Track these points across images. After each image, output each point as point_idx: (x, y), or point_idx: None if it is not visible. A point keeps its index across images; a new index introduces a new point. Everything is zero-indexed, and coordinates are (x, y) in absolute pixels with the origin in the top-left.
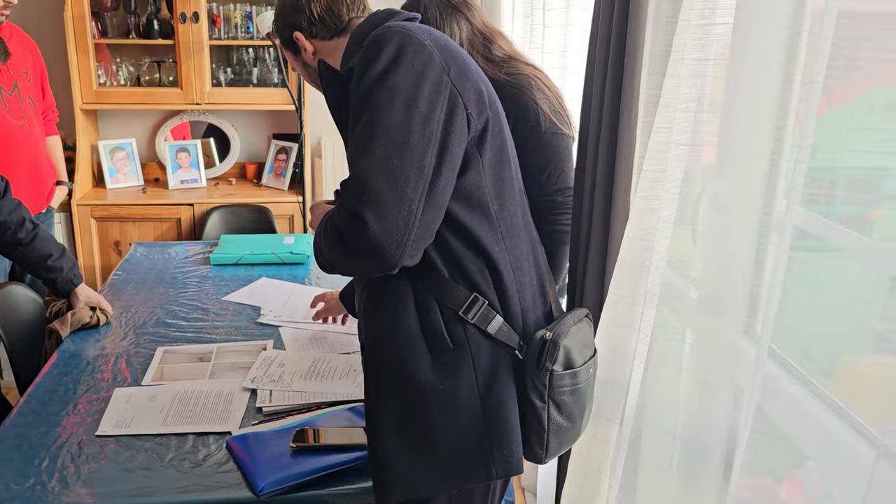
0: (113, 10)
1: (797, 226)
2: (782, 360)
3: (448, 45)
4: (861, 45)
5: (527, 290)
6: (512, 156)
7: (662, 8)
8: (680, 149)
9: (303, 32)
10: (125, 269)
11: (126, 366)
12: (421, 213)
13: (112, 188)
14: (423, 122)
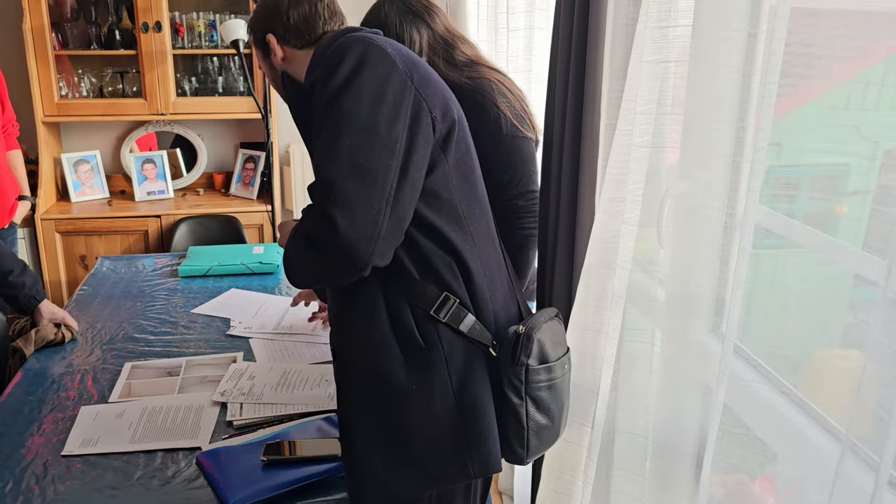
0: (73, 21)
1: (762, 225)
2: (750, 359)
3: (409, 55)
4: (819, 45)
5: (497, 291)
6: (475, 162)
7: (621, 11)
8: (641, 150)
9: (276, 36)
10: (91, 284)
11: (93, 383)
12: (390, 213)
13: (77, 201)
14: (388, 123)
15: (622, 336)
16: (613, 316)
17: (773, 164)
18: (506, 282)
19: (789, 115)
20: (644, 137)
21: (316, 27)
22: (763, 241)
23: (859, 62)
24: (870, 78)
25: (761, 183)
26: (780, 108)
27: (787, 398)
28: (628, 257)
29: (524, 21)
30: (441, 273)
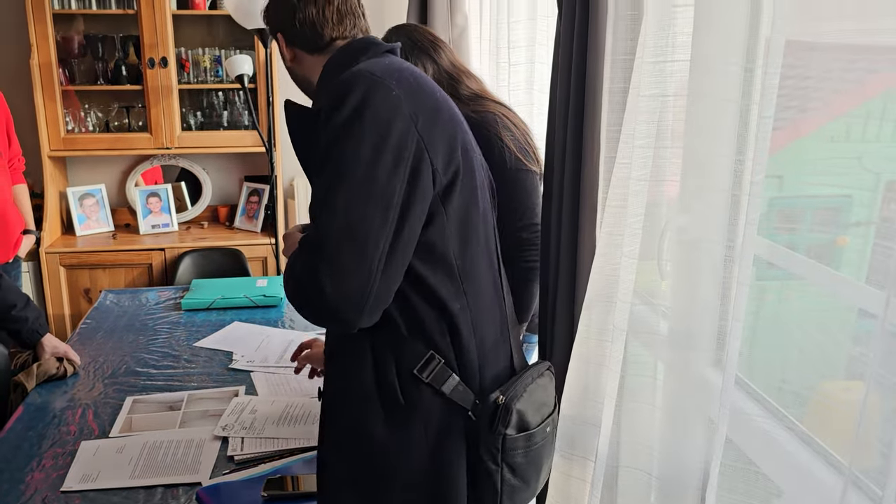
0: (80, 57)
1: (764, 257)
2: (754, 393)
3: (419, 88)
4: (818, 77)
5: (487, 346)
6: (481, 201)
7: (619, 46)
8: (640, 184)
9: (284, 37)
10: (94, 317)
11: (94, 417)
12: (380, 276)
13: (81, 235)
14: (387, 176)
15: (625, 369)
16: (615, 349)
17: (775, 195)
18: (498, 332)
19: (789, 147)
20: (643, 171)
21: (324, 33)
22: (766, 273)
23: (858, 95)
24: (870, 110)
25: (759, 216)
26: (781, 141)
27: (791, 433)
28: (629, 290)
29: (525, 55)
30: (429, 331)
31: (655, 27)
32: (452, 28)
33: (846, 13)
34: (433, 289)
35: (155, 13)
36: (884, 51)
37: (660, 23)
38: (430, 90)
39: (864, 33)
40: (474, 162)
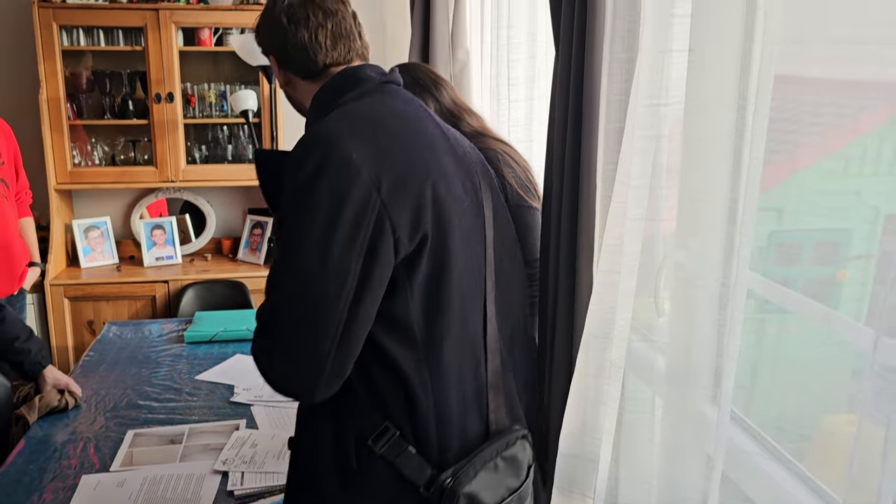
0: (88, 92)
1: (762, 294)
2: (751, 429)
3: (394, 142)
4: (813, 113)
5: (452, 416)
6: (465, 257)
7: (614, 87)
8: (636, 223)
9: (276, 60)
10: (97, 350)
11: (95, 451)
12: (335, 354)
13: (86, 267)
14: (341, 254)
15: (623, 405)
16: (612, 386)
17: (775, 229)
18: (472, 397)
19: (788, 181)
20: (638, 210)
21: (316, 59)
22: (766, 307)
23: (854, 129)
24: (867, 144)
25: (750, 253)
26: (778, 175)
27: (788, 470)
28: (626, 328)
29: (525, 92)
30: (386, 401)
31: (649, 70)
32: (454, 63)
33: (838, 52)
34: (393, 359)
35: (162, 50)
36: (879, 86)
37: (653, 66)
38: (409, 139)
39: (858, 69)
40: (449, 223)
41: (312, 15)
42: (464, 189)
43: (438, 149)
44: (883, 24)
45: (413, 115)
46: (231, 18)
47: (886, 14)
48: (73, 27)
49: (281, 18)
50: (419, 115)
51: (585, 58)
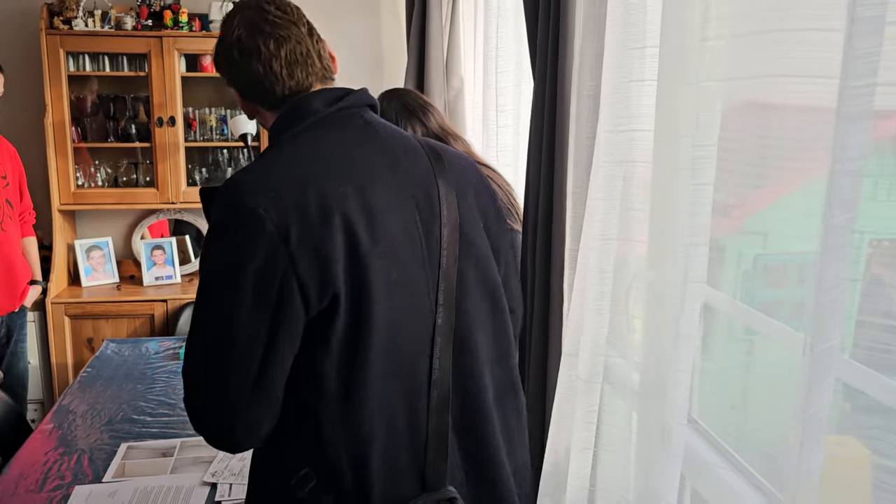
0: (93, 116)
1: (743, 320)
2: (716, 443)
3: (308, 188)
4: (795, 138)
5: (373, 469)
6: (380, 313)
7: (583, 114)
8: (606, 243)
9: (237, 91)
10: (95, 366)
11: (88, 463)
12: (246, 408)
13: (87, 286)
14: (247, 312)
15: (601, 420)
16: (585, 402)
17: (760, 252)
18: (404, 451)
19: (773, 205)
20: (608, 230)
21: (274, 90)
22: (752, 328)
23: None
24: None
25: (704, 274)
26: (764, 199)
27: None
28: (598, 345)
29: (512, 118)
30: (306, 448)
31: (611, 99)
32: (448, 90)
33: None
34: (307, 408)
35: (164, 75)
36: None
37: (615, 95)
38: (334, 178)
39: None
40: (377, 260)
41: (263, 45)
42: (408, 228)
43: (379, 180)
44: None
45: (352, 145)
46: None
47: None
48: (80, 53)
49: (233, 52)
50: (363, 142)
51: (558, 89)
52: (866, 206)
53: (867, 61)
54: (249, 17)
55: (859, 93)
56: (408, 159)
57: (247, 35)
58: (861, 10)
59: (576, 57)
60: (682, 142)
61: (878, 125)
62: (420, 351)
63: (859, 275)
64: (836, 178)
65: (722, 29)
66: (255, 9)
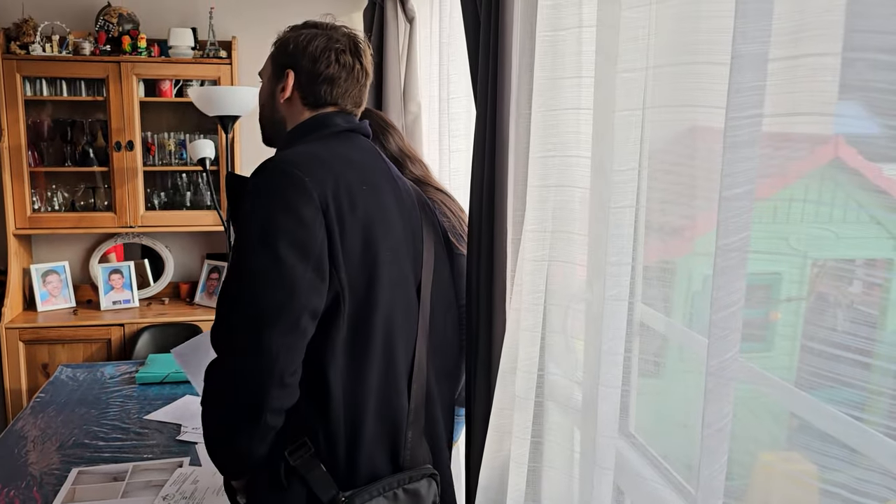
0: (50, 140)
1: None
2: (654, 459)
3: (337, 178)
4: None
5: (363, 444)
6: (382, 301)
7: (521, 141)
8: (537, 264)
9: (295, 76)
10: (49, 391)
11: (38, 489)
12: (283, 354)
13: (43, 311)
14: (295, 259)
15: (543, 436)
16: (522, 417)
17: (710, 273)
18: (387, 434)
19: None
20: (539, 252)
21: (320, 92)
22: (688, 350)
23: (781, 179)
24: (793, 193)
25: (625, 292)
26: (710, 223)
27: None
28: (531, 362)
29: (465, 143)
30: (308, 420)
31: (542, 125)
32: (406, 115)
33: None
34: (325, 380)
35: (123, 100)
36: (802, 138)
37: (544, 122)
38: (351, 180)
39: (783, 122)
40: (384, 258)
41: (355, 69)
42: (403, 235)
43: (383, 194)
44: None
45: (359, 160)
46: (191, 71)
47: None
48: (37, 78)
49: (330, 54)
50: (366, 161)
51: (497, 115)
52: (807, 228)
53: (751, 94)
54: (355, 45)
55: (744, 123)
56: (399, 183)
57: (349, 51)
58: (741, 48)
59: (513, 85)
60: (605, 166)
61: (816, 151)
62: (407, 339)
63: (804, 294)
64: (725, 203)
65: (637, 62)
66: (361, 45)
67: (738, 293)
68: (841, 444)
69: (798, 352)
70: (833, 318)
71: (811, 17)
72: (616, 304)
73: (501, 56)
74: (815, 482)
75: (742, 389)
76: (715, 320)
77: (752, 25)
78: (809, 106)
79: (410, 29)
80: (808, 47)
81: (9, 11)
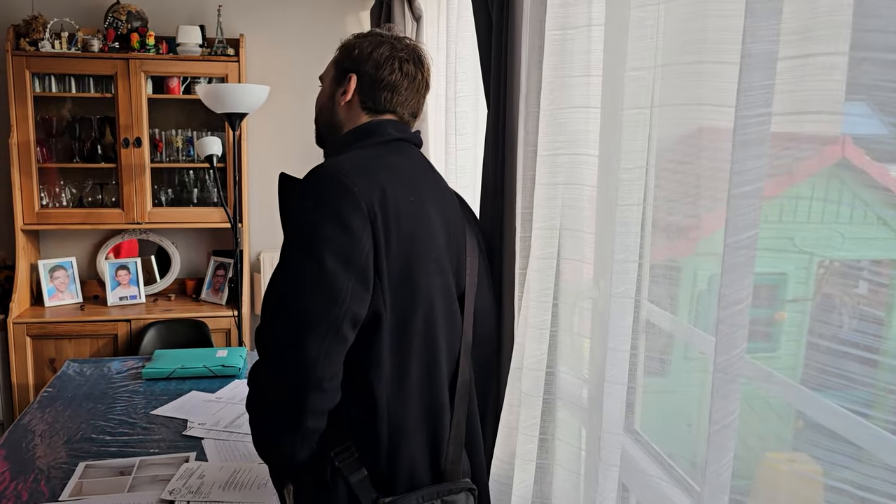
0: (58, 136)
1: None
2: (659, 457)
3: (385, 187)
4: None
5: (404, 453)
6: (424, 310)
7: (529, 139)
8: (545, 262)
9: (358, 80)
10: (56, 386)
11: (45, 482)
12: (323, 361)
13: (50, 306)
14: (339, 267)
15: (552, 434)
16: (528, 414)
17: (715, 272)
18: (428, 447)
19: (723, 229)
20: (547, 250)
21: (391, 100)
22: (694, 349)
23: (787, 179)
24: (799, 192)
25: (631, 289)
26: (716, 222)
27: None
28: (538, 360)
29: (471, 142)
30: (354, 425)
31: (549, 123)
32: None
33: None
34: (370, 388)
35: (131, 97)
36: (809, 138)
37: (551, 120)
38: (399, 190)
39: (791, 121)
40: (425, 266)
41: (416, 79)
42: (447, 247)
43: (429, 205)
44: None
45: (408, 171)
46: (198, 68)
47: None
48: (46, 74)
49: (394, 62)
50: (416, 171)
51: (506, 112)
52: (814, 228)
53: (760, 92)
54: (418, 56)
55: (753, 121)
56: (446, 190)
57: (412, 60)
58: (750, 46)
59: (522, 83)
60: (612, 165)
61: (823, 151)
62: (450, 351)
63: (810, 294)
64: (734, 201)
65: (645, 60)
66: (424, 57)
67: (745, 290)
68: (847, 442)
69: (804, 350)
70: (839, 316)
71: (820, 17)
72: (623, 302)
73: (511, 54)
74: (820, 479)
75: (747, 387)
76: (722, 317)
77: (763, 24)
78: (818, 105)
79: (417, 27)
80: (816, 47)
81: (19, 8)
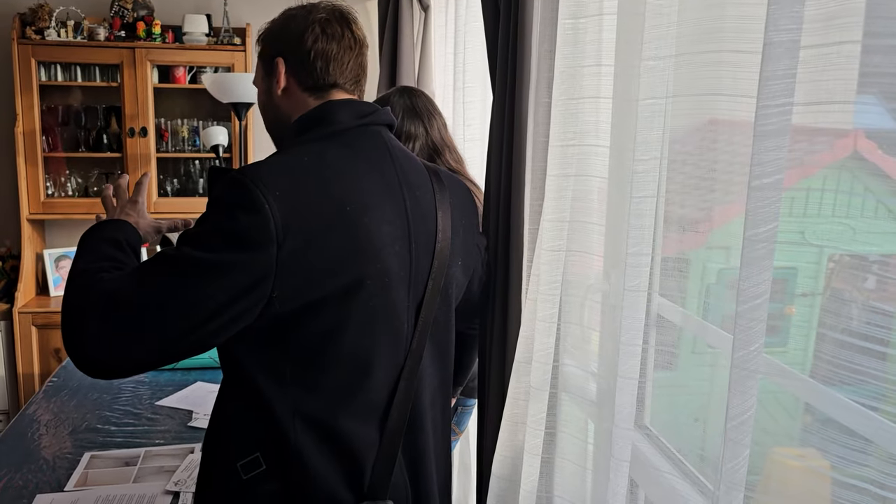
0: (64, 126)
1: (700, 335)
2: (669, 453)
3: (312, 202)
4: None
5: (318, 469)
6: (353, 328)
7: (539, 130)
8: (554, 254)
9: (286, 64)
10: (61, 376)
11: (51, 471)
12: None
13: (55, 296)
14: (215, 288)
15: (557, 428)
16: (536, 408)
17: (724, 266)
18: (351, 460)
19: (736, 220)
20: (556, 242)
21: (326, 72)
22: (703, 343)
23: (799, 172)
24: (810, 186)
25: (646, 282)
26: (729, 214)
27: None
28: (547, 353)
29: (479, 132)
30: (261, 436)
31: (562, 115)
32: None
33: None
34: (267, 401)
35: (137, 86)
36: (822, 132)
37: (564, 111)
38: (335, 197)
39: (804, 115)
40: (370, 280)
41: (345, 37)
42: (400, 257)
43: (373, 211)
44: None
45: (367, 164)
46: (205, 57)
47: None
48: (52, 63)
49: (314, 27)
50: (370, 167)
51: (515, 102)
52: (825, 221)
53: (782, 82)
54: (340, 14)
55: (774, 111)
56: (414, 187)
57: (335, 20)
58: (773, 35)
59: (533, 73)
60: (626, 156)
61: (835, 143)
62: (388, 371)
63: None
64: (753, 193)
65: (662, 50)
66: (347, 14)
67: (764, 285)
68: (857, 436)
69: (813, 344)
70: (849, 309)
71: (841, 4)
72: (635, 296)
73: (521, 44)
74: (828, 473)
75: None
76: (741, 311)
77: (785, 11)
78: (841, 95)
79: (425, 17)
80: (836, 35)
81: None
